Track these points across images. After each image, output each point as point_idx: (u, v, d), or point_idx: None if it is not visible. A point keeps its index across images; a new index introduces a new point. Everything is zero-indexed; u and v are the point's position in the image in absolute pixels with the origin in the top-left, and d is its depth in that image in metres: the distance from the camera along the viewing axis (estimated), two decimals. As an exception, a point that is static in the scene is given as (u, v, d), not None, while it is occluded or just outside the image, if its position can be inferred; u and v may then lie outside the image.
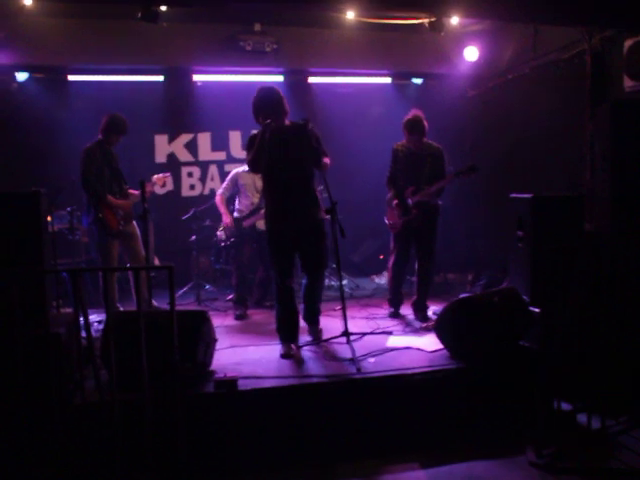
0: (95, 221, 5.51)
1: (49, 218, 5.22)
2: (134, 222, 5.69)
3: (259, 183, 6.09)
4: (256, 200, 6.20)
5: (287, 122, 4.67)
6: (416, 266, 5.76)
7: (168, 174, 6.80)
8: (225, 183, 6.50)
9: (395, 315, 5.73)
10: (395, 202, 5.58)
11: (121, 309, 5.65)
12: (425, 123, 5.51)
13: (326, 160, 4.69)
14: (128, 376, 3.44)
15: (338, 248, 4.67)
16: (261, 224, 6.12)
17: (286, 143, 4.58)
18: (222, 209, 6.34)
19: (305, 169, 4.65)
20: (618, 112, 4.96)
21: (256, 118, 4.62)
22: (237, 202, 6.42)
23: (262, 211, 6.01)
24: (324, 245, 4.75)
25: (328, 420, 3.88)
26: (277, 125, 4.53)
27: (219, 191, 6.49)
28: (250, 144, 4.63)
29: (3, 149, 7.22)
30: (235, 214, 6.33)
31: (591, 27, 5.96)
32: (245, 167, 6.20)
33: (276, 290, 4.77)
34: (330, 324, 5.28)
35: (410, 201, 5.52)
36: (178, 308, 3.44)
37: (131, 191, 5.75)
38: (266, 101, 4.56)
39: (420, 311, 5.65)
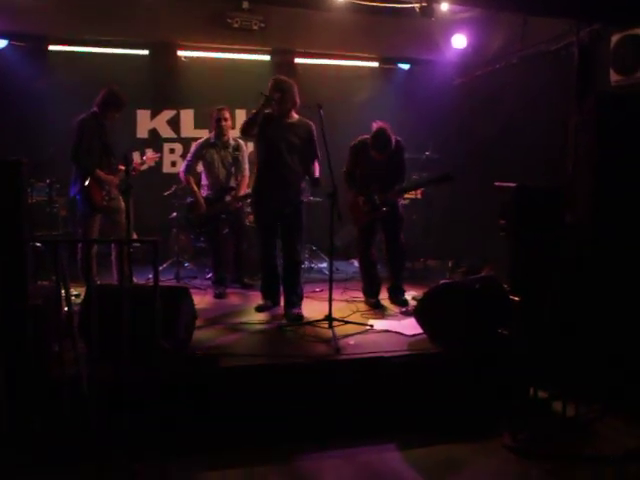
0: (80, 192, 5.44)
1: (28, 190, 5.12)
2: (120, 197, 5.61)
3: (228, 158, 6.05)
4: (223, 177, 6.11)
5: (295, 116, 5.11)
6: (386, 256, 5.80)
7: (159, 154, 6.75)
8: (188, 157, 6.29)
9: (375, 305, 5.56)
10: (362, 200, 5.54)
11: (98, 283, 5.59)
12: (392, 138, 5.38)
13: (315, 166, 5.17)
14: (107, 350, 3.40)
15: (333, 232, 4.82)
16: (233, 202, 6.09)
17: (282, 129, 5.01)
18: (193, 189, 6.19)
19: (296, 158, 5.06)
20: (603, 105, 4.99)
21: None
22: (203, 177, 6.26)
23: (233, 194, 6.02)
24: (298, 224, 5.18)
25: (306, 400, 3.88)
26: (279, 109, 4.98)
27: (182, 167, 6.33)
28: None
29: (-20, 117, 7.06)
30: (204, 191, 6.22)
31: (579, 20, 5.98)
32: (206, 138, 6.26)
33: (260, 258, 5.37)
34: (311, 306, 5.30)
35: (377, 199, 5.48)
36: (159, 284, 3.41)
37: (120, 167, 5.66)
38: (273, 84, 4.98)
39: (396, 295, 5.71)
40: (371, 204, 5.51)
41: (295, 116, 5.11)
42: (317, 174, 5.17)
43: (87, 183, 5.37)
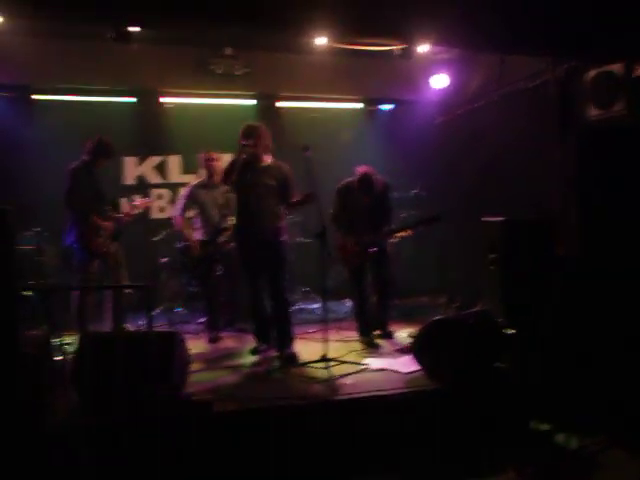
0: (77, 240, 5.42)
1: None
2: (117, 243, 5.61)
3: (220, 200, 6.06)
4: (216, 219, 6.09)
5: (269, 159, 5.24)
6: (373, 291, 5.86)
7: (151, 200, 6.75)
8: (181, 202, 6.28)
9: (369, 344, 5.54)
10: (351, 242, 5.60)
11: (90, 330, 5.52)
12: (377, 181, 5.56)
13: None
14: (101, 398, 3.34)
15: (325, 272, 4.93)
16: (226, 243, 6.08)
17: (256, 172, 5.14)
18: (187, 232, 6.17)
19: (268, 197, 5.15)
20: (584, 140, 5.10)
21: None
22: (199, 221, 6.26)
23: (225, 232, 6.02)
24: (280, 263, 5.17)
25: (305, 441, 3.82)
26: (253, 153, 5.10)
27: (176, 212, 6.31)
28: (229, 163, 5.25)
29: (-34, 168, 7.02)
30: (197, 234, 6.19)
31: (554, 57, 6.13)
32: (200, 182, 6.28)
33: (250, 304, 5.37)
34: (305, 347, 5.26)
35: (366, 241, 5.56)
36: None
37: (115, 214, 5.67)
38: (245, 130, 5.11)
39: (381, 329, 5.80)
40: (360, 246, 5.57)
41: (268, 160, 5.22)
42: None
43: (85, 236, 5.41)
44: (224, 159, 6.45)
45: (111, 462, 3.14)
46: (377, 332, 5.80)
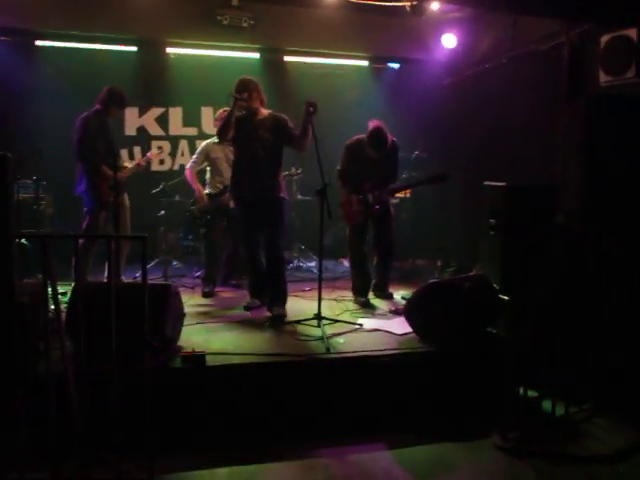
0: (87, 190, 5.44)
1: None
2: (125, 194, 5.59)
3: (230, 156, 6.01)
4: (228, 174, 6.06)
5: (265, 112, 5.10)
6: (375, 252, 5.88)
7: (160, 153, 6.73)
8: (195, 156, 6.35)
9: (365, 304, 5.54)
10: (356, 199, 5.61)
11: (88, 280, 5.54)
12: (389, 137, 5.49)
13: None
14: (94, 348, 3.35)
15: (323, 229, 4.81)
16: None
17: (253, 127, 5.01)
18: (195, 185, 6.23)
19: (267, 152, 5.02)
20: (593, 106, 5.01)
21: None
22: (208, 176, 6.29)
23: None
24: (279, 221, 5.10)
25: (296, 398, 3.86)
26: (248, 108, 5.01)
27: (188, 165, 6.35)
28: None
29: (-34, 113, 6.96)
30: (207, 189, 6.22)
31: (569, 20, 5.99)
32: (215, 139, 6.13)
33: (245, 257, 5.37)
34: (299, 305, 5.28)
35: (370, 198, 5.60)
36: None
37: (125, 164, 5.66)
38: (238, 84, 5.01)
39: (382, 290, 5.83)
40: (365, 203, 5.58)
41: (264, 112, 5.09)
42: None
43: (95, 185, 5.44)
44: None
45: (102, 411, 3.17)
46: (372, 293, 5.83)
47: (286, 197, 5.26)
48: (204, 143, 6.35)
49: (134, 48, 7.73)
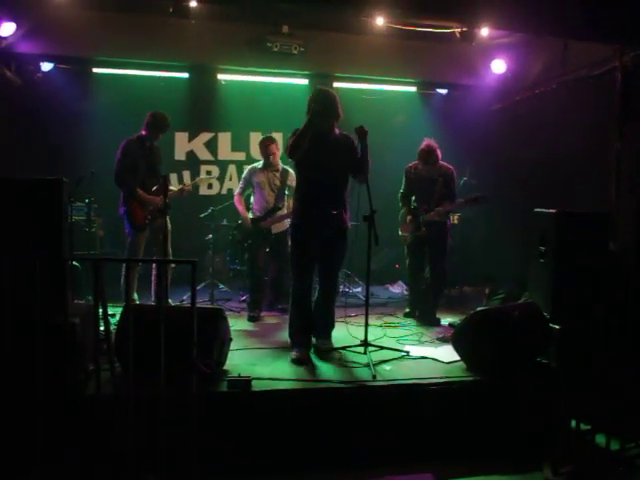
0: (124, 213, 5.65)
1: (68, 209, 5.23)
2: (167, 218, 5.69)
3: (274, 181, 6.05)
4: (271, 199, 6.10)
5: (337, 130, 4.75)
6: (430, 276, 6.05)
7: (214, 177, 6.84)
8: (241, 182, 6.41)
9: (409, 314, 6.14)
10: (409, 218, 5.99)
11: (138, 302, 5.64)
12: (438, 152, 5.90)
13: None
14: (142, 370, 3.39)
15: (370, 255, 4.74)
16: (277, 227, 6.09)
17: (328, 147, 4.62)
18: (240, 208, 6.27)
19: (340, 176, 4.70)
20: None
21: (307, 112, 4.63)
22: (253, 200, 6.32)
23: (279, 213, 6.01)
24: (343, 251, 4.85)
25: (342, 425, 3.82)
26: (324, 125, 4.61)
27: (237, 191, 6.41)
28: (293, 133, 4.66)
29: (26, 138, 7.20)
30: (250, 214, 6.26)
31: (623, 45, 5.89)
32: (259, 164, 6.20)
33: (293, 291, 4.79)
34: (345, 331, 5.23)
35: (422, 219, 5.90)
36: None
37: (171, 188, 5.77)
38: (320, 98, 4.59)
39: (428, 316, 5.91)
40: (415, 223, 5.90)
41: (337, 131, 4.75)
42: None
43: (130, 208, 5.62)
44: (278, 141, 6.51)
45: (150, 432, 3.19)
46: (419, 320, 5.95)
47: (349, 227, 4.85)
48: (249, 168, 6.38)
49: (186, 75, 7.93)
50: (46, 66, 7.39)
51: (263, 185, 6.15)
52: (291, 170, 6.00)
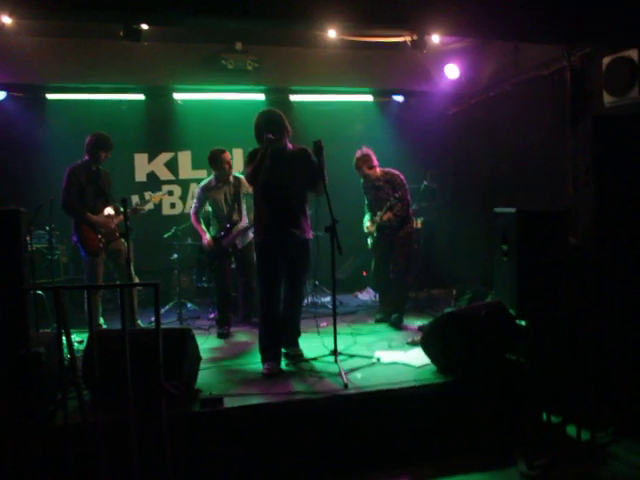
0: (78, 240, 5.62)
1: (27, 238, 5.15)
2: (122, 240, 5.63)
3: (229, 195, 6.03)
4: (229, 214, 6.06)
5: (290, 145, 4.80)
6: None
7: (164, 193, 6.80)
8: (195, 200, 6.27)
9: (381, 320, 6.22)
10: (369, 224, 6.27)
11: (104, 327, 5.57)
12: (373, 158, 6.12)
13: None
14: (112, 395, 3.35)
15: (335, 264, 4.73)
16: (240, 241, 6.07)
17: (285, 164, 4.67)
18: (200, 229, 6.18)
19: (299, 191, 4.78)
20: (599, 127, 4.99)
21: (258, 138, 4.67)
22: (210, 218, 6.25)
23: (239, 227, 6.00)
24: (307, 263, 4.92)
25: (316, 436, 3.81)
26: (279, 145, 4.64)
27: (192, 210, 6.30)
28: (250, 158, 4.71)
29: (-19, 168, 7.09)
30: (211, 232, 6.19)
31: (570, 45, 6.03)
32: (209, 180, 6.17)
33: (261, 306, 4.78)
34: (316, 341, 5.24)
35: (377, 221, 6.13)
36: (162, 327, 3.36)
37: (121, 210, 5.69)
38: (268, 121, 4.63)
39: (394, 320, 6.03)
40: (374, 227, 6.17)
41: (290, 146, 4.81)
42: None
43: (81, 234, 5.59)
44: (235, 157, 6.49)
45: (122, 458, 3.15)
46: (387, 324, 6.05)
47: (311, 238, 4.95)
48: (199, 187, 6.23)
49: (142, 96, 7.88)
50: (-1, 95, 7.29)
51: (219, 201, 6.07)
52: (241, 176, 5.98)
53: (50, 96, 7.60)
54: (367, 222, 6.31)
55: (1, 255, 3.71)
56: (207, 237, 6.09)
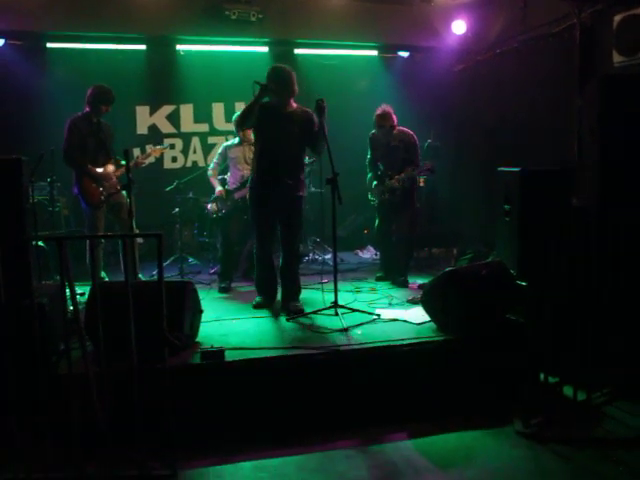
0: (79, 192, 5.56)
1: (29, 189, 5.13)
2: (123, 193, 5.61)
3: (249, 155, 6.02)
4: (246, 172, 6.06)
5: (294, 105, 4.92)
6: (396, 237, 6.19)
7: (165, 147, 6.75)
8: (215, 158, 6.42)
9: (382, 278, 6.19)
10: (374, 184, 6.12)
11: (106, 280, 5.59)
12: (394, 117, 5.94)
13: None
14: (114, 347, 3.37)
15: (335, 218, 4.77)
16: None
17: (284, 120, 4.82)
18: (213, 182, 6.31)
19: (296, 147, 4.91)
20: (607, 86, 4.93)
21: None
22: (228, 175, 6.32)
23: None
24: (299, 220, 5.07)
25: (316, 391, 3.86)
26: (279, 103, 4.83)
27: (211, 166, 6.41)
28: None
29: (-21, 118, 7.02)
30: (226, 186, 6.24)
31: (581, 1, 5.91)
32: (234, 140, 6.17)
33: (256, 254, 5.14)
34: (316, 297, 5.26)
35: (386, 184, 6.00)
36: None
37: (122, 164, 5.68)
38: (274, 76, 4.78)
39: (397, 279, 6.00)
40: (380, 188, 6.03)
41: (294, 105, 4.92)
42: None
43: (83, 186, 5.54)
44: (237, 111, 6.43)
45: (125, 409, 3.20)
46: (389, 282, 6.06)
47: (305, 195, 5.13)
48: (223, 145, 6.39)
49: (143, 46, 7.77)
50: (-3, 42, 7.16)
51: (239, 160, 6.17)
52: None
53: (50, 45, 7.48)
54: (374, 187, 6.14)
55: (3, 205, 3.70)
56: (220, 189, 6.20)
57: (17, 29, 7.04)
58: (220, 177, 6.36)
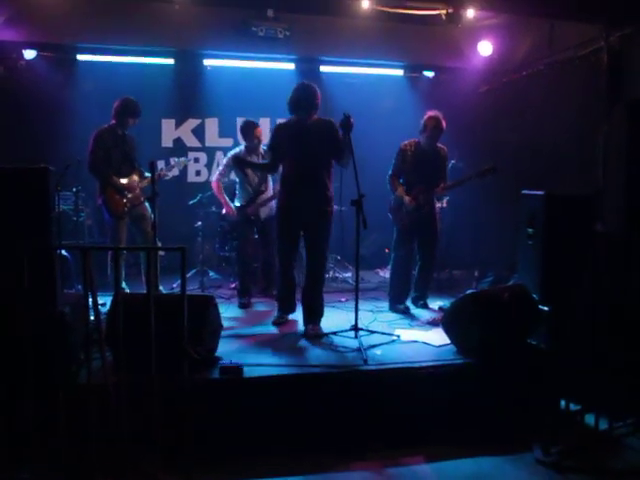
0: (102, 203, 5.63)
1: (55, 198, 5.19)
2: (146, 204, 5.66)
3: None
4: (255, 183, 6.09)
5: (315, 117, 4.86)
6: (418, 260, 5.89)
7: (188, 159, 6.78)
8: (221, 168, 6.36)
9: (404, 311, 5.62)
10: (408, 199, 5.63)
11: (127, 291, 5.62)
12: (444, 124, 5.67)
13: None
14: (134, 358, 3.38)
15: (359, 239, 4.74)
16: (264, 212, 6.09)
17: (306, 136, 4.77)
18: (222, 198, 6.26)
19: (322, 159, 4.84)
20: (634, 111, 4.89)
21: (289, 108, 4.85)
22: (237, 188, 6.28)
23: (263, 197, 6.01)
24: (326, 234, 4.94)
25: (333, 410, 3.83)
26: (300, 119, 4.81)
27: (214, 177, 6.36)
28: (273, 134, 5.03)
29: (9, 127, 7.11)
30: (236, 202, 6.23)
31: (609, 24, 5.88)
32: (240, 149, 6.19)
33: (278, 271, 5.16)
34: (335, 315, 5.24)
35: (421, 199, 5.65)
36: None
37: (146, 175, 5.74)
38: (299, 97, 4.77)
39: (420, 300, 5.82)
40: (416, 203, 5.62)
41: (314, 117, 4.87)
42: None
43: (106, 197, 5.61)
44: (262, 126, 6.48)
45: (142, 421, 3.20)
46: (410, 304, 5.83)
47: (332, 210, 4.97)
48: (230, 154, 6.29)
49: (171, 61, 7.85)
50: (29, 54, 7.25)
51: (247, 172, 6.07)
52: None
53: (80, 57, 7.58)
54: (400, 199, 5.69)
55: (30, 214, 3.74)
56: (230, 207, 6.16)
57: (49, 41, 7.17)
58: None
